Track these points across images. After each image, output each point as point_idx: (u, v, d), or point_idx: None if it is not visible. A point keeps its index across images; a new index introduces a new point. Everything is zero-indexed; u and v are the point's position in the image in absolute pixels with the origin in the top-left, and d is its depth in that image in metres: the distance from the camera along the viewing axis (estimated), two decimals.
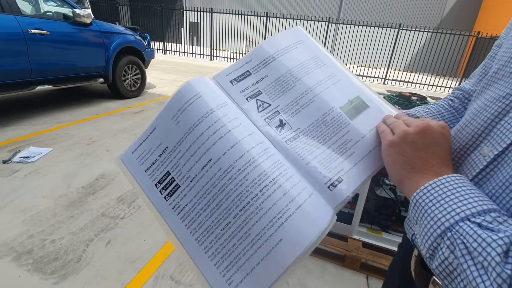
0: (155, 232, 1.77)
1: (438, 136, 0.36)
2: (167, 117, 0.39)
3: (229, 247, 0.32)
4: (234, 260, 0.32)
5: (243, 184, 0.33)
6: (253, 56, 0.45)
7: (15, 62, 3.06)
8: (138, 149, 0.40)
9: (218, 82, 0.43)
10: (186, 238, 0.34)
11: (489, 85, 0.40)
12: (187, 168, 0.36)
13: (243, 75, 0.44)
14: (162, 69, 8.19)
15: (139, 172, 0.39)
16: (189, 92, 0.39)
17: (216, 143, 0.35)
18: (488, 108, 0.37)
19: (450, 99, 0.55)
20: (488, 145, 0.36)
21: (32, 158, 2.48)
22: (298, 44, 0.46)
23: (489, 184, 0.33)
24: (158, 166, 0.38)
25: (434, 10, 16.31)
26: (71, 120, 3.52)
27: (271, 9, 15.20)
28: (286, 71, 0.43)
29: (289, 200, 0.33)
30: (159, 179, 0.38)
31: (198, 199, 0.35)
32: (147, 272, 1.48)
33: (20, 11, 3.10)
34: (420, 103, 2.19)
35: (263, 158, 0.35)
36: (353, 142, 0.40)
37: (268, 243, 0.32)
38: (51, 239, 1.64)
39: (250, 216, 0.32)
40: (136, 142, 0.41)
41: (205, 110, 0.38)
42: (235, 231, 0.33)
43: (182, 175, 0.36)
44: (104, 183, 2.25)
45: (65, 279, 1.41)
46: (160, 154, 0.38)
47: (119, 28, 4.44)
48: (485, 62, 0.49)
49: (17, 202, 1.93)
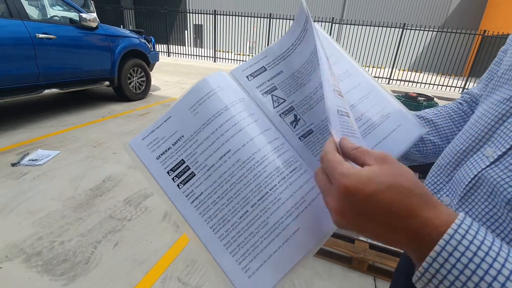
0: (162, 234, 1.78)
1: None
2: (184, 107, 0.39)
3: (245, 236, 0.33)
4: (251, 248, 0.33)
5: (261, 175, 0.35)
6: (269, 52, 0.45)
7: (23, 66, 3.11)
8: (149, 136, 0.40)
9: (235, 77, 0.44)
10: (200, 226, 0.35)
11: (494, 89, 0.41)
12: (204, 157, 0.36)
13: (258, 71, 0.44)
14: (166, 72, 8.24)
15: (150, 159, 0.39)
16: (208, 85, 0.40)
17: (235, 135, 0.36)
18: (492, 110, 0.38)
19: (459, 102, 0.56)
20: (491, 146, 0.36)
21: (40, 160, 2.51)
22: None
23: (490, 183, 0.33)
24: (172, 154, 0.38)
25: (438, 9, 16.18)
26: (77, 123, 3.56)
27: (274, 11, 15.24)
28: (300, 66, 0.43)
29: (305, 192, 0.35)
30: (172, 167, 0.38)
31: (215, 188, 0.35)
32: (154, 274, 1.49)
33: (28, 16, 3.16)
34: (427, 103, 2.17)
35: (280, 152, 0.37)
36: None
37: (285, 232, 0.33)
38: (60, 241, 1.66)
39: (268, 206, 0.34)
40: (147, 129, 0.40)
41: (224, 103, 0.38)
42: (253, 219, 0.34)
43: (198, 164, 0.37)
44: (111, 185, 2.27)
45: (74, 281, 1.42)
46: (175, 143, 0.38)
47: (124, 32, 4.49)
48: (491, 68, 0.50)
49: (26, 204, 1.95)
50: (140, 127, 3.59)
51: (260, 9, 16.45)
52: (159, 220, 1.91)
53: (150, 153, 0.39)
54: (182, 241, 1.72)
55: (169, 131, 0.39)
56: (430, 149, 0.52)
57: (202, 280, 1.47)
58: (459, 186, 0.38)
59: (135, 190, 2.22)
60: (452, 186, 0.40)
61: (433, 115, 0.54)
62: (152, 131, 0.40)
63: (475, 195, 0.35)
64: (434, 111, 0.55)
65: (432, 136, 0.52)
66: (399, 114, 0.45)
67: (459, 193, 0.37)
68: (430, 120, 0.53)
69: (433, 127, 0.53)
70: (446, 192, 0.41)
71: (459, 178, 0.38)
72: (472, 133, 0.40)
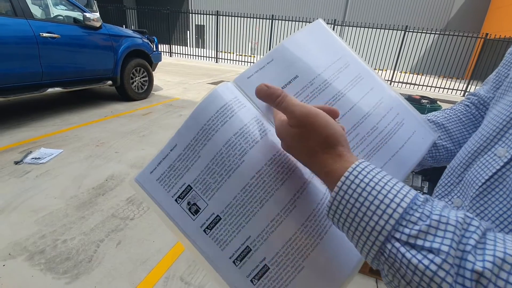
0: (164, 233, 1.78)
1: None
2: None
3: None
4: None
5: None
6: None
7: (27, 65, 3.12)
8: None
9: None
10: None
11: (507, 91, 0.41)
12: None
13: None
14: (168, 72, 8.26)
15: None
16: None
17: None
18: (504, 111, 0.37)
19: (466, 105, 0.55)
20: (503, 146, 0.35)
21: (43, 159, 2.52)
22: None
23: (506, 184, 0.33)
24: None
25: (440, 12, 16.19)
26: (80, 122, 3.57)
27: (277, 12, 15.26)
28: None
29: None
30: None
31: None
32: (157, 273, 1.50)
33: (32, 15, 3.17)
34: (430, 106, 2.18)
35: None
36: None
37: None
38: (62, 239, 1.67)
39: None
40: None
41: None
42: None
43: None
44: (113, 184, 2.28)
45: (77, 279, 1.43)
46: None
47: (127, 32, 4.51)
48: (499, 69, 0.49)
49: (29, 203, 1.96)
50: (142, 127, 3.60)
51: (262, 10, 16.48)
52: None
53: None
54: None
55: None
56: (443, 154, 0.52)
57: (204, 279, 1.47)
58: (471, 187, 0.37)
59: None
60: (463, 187, 0.39)
61: (443, 119, 0.53)
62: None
63: (488, 196, 0.35)
64: (443, 115, 0.54)
65: (444, 141, 0.52)
66: (413, 120, 0.43)
67: (471, 194, 0.37)
68: (442, 124, 0.53)
69: (445, 132, 0.52)
70: (457, 194, 0.40)
71: (470, 179, 0.38)
72: (483, 133, 0.39)
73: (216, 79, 7.87)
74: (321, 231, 0.33)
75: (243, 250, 0.32)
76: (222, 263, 0.32)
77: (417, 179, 1.78)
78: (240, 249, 0.32)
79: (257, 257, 0.32)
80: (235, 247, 0.32)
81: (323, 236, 0.33)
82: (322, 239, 0.33)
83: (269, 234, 0.32)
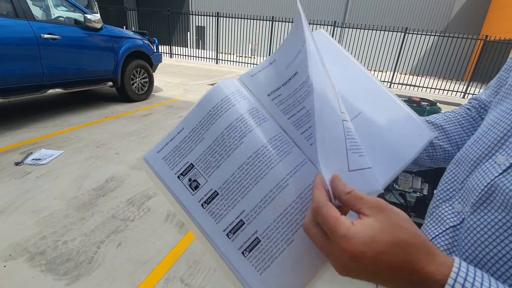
0: (165, 235, 1.78)
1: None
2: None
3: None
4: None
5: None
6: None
7: (28, 66, 3.13)
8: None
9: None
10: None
11: (505, 97, 0.41)
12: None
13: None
14: (169, 73, 8.27)
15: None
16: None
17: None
18: (504, 119, 0.38)
19: (467, 108, 0.56)
20: (503, 154, 0.36)
21: (44, 160, 2.52)
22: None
23: (503, 191, 0.33)
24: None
25: (440, 14, 16.22)
26: (81, 123, 3.58)
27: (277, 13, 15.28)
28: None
29: None
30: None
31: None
32: (157, 274, 1.50)
33: (33, 16, 3.18)
34: (430, 108, 2.18)
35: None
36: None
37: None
38: (63, 240, 1.67)
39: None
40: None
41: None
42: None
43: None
44: (114, 185, 2.28)
45: (78, 280, 1.43)
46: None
47: (128, 33, 4.52)
48: (500, 75, 0.50)
49: (30, 204, 1.96)
50: (143, 128, 3.60)
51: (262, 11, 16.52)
52: (162, 220, 1.91)
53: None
54: (185, 242, 1.73)
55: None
56: (440, 155, 0.52)
57: (204, 281, 1.48)
58: (472, 194, 0.38)
59: (138, 191, 2.23)
60: (464, 193, 0.40)
61: (442, 121, 0.54)
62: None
63: (487, 202, 0.35)
64: (442, 117, 0.55)
65: (441, 141, 0.53)
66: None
67: (472, 200, 0.37)
68: (440, 125, 0.54)
69: (443, 133, 0.53)
70: (458, 199, 0.41)
71: (471, 185, 0.39)
72: (484, 140, 0.40)
73: (216, 80, 7.88)
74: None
75: (236, 224, 0.34)
76: (216, 236, 0.35)
77: (416, 180, 1.78)
78: (234, 222, 0.34)
79: (249, 230, 0.34)
80: (229, 221, 0.35)
81: None
82: None
83: (262, 209, 0.34)
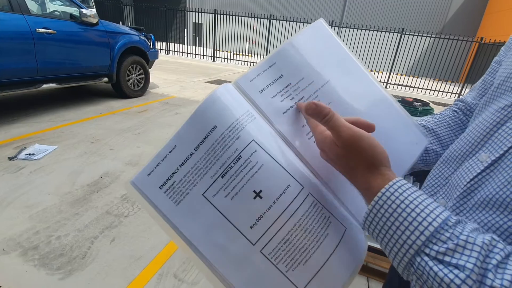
0: (158, 231, 1.79)
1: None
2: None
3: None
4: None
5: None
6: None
7: (23, 60, 3.10)
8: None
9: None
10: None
11: (491, 100, 0.42)
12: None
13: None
14: (165, 69, 8.23)
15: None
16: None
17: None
18: (489, 118, 0.40)
19: (454, 110, 0.58)
20: (486, 151, 0.38)
21: (38, 155, 2.51)
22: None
23: (484, 187, 0.35)
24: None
25: (437, 15, 16.35)
26: (75, 119, 3.55)
27: (274, 12, 15.26)
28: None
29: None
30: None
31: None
32: (151, 270, 1.51)
33: (29, 10, 3.15)
34: (422, 108, 2.22)
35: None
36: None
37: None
38: (56, 235, 1.67)
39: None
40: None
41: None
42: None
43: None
44: (108, 181, 2.28)
45: (71, 275, 1.43)
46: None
47: (124, 29, 4.49)
48: (485, 78, 0.51)
49: (24, 199, 1.96)
50: (138, 124, 3.59)
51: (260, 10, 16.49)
52: None
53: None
54: None
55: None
56: (432, 158, 0.54)
57: (198, 277, 1.49)
58: (455, 190, 0.39)
59: None
60: (448, 189, 0.42)
61: (433, 124, 0.56)
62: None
63: (468, 198, 0.37)
64: (433, 120, 0.57)
65: (434, 145, 0.54)
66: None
67: (455, 196, 0.39)
68: (432, 129, 0.55)
69: (435, 137, 0.55)
70: (442, 195, 0.43)
71: (454, 182, 0.40)
72: (469, 139, 0.41)
73: (213, 77, 7.86)
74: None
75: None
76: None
77: (408, 179, 1.81)
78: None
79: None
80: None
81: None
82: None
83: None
